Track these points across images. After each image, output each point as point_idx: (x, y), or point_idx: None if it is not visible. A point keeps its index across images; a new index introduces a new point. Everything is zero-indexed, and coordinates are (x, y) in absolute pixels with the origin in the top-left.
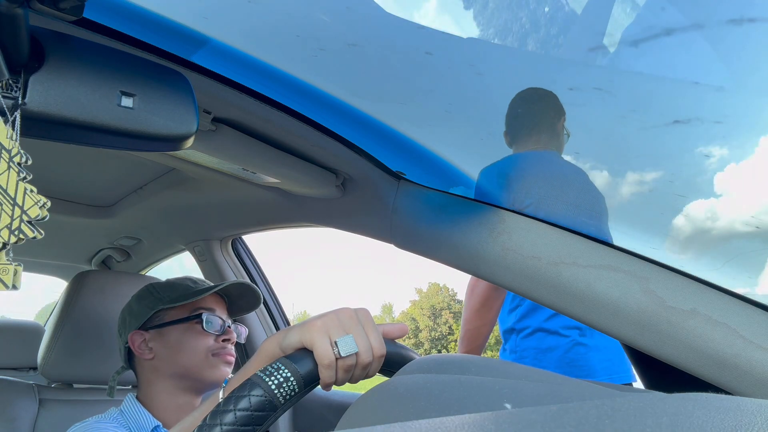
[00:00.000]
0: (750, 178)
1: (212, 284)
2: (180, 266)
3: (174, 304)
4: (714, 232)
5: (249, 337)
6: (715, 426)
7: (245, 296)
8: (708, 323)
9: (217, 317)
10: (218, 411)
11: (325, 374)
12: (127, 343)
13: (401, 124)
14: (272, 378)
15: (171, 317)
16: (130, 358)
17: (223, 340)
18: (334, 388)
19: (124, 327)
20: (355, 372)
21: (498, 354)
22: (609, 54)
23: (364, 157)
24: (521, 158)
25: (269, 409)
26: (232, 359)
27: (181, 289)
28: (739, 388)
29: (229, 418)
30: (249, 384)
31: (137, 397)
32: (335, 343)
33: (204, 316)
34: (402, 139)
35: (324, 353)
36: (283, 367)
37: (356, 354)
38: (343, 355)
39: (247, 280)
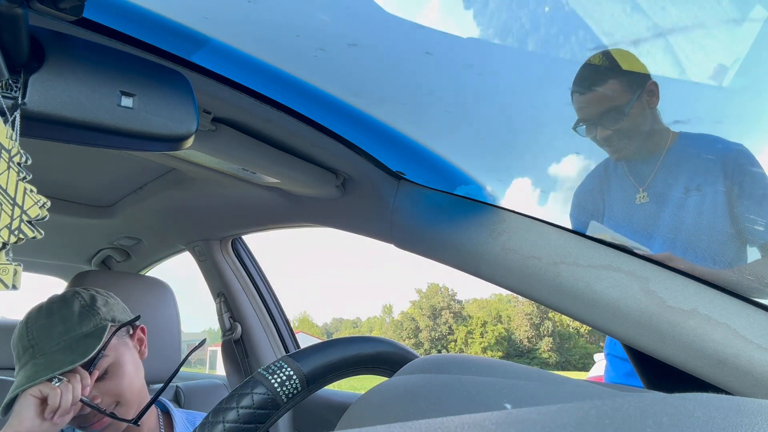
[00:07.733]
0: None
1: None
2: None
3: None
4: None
5: (249, 337)
6: (715, 426)
7: None
8: (708, 323)
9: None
10: (221, 408)
11: None
12: None
13: (401, 124)
14: (275, 376)
15: None
16: None
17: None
18: (335, 387)
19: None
20: None
21: (497, 354)
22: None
23: (364, 157)
24: None
25: (272, 407)
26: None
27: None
28: (739, 388)
29: (232, 415)
30: (252, 381)
31: None
32: None
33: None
34: (402, 139)
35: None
36: (285, 366)
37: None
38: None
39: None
